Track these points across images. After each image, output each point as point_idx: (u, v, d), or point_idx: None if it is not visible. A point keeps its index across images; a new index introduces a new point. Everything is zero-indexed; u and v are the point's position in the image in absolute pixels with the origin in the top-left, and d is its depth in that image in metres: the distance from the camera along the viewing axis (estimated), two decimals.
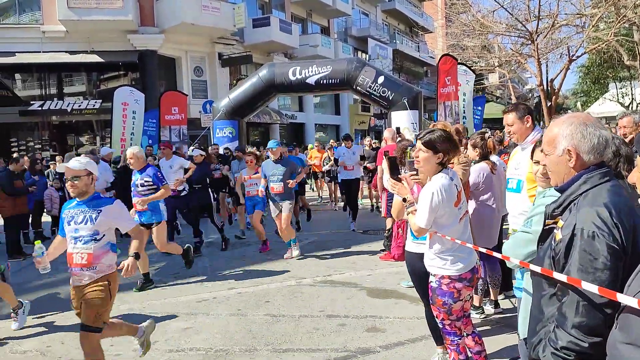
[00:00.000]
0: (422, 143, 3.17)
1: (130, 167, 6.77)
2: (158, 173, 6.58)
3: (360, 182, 11.26)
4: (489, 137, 4.84)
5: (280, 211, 7.53)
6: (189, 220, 8.54)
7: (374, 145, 13.11)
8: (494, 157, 5.14)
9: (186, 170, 8.38)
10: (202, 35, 21.50)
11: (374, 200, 11.92)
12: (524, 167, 3.52)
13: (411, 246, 3.65)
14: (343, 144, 11.01)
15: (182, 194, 8.49)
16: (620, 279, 1.63)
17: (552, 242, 1.84)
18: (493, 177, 4.75)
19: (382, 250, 7.62)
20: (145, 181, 6.49)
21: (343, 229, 9.82)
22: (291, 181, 7.49)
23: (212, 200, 9.01)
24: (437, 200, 3.05)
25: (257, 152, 10.33)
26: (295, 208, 9.21)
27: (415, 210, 3.18)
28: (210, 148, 12.05)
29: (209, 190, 8.82)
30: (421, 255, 3.39)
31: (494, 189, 4.77)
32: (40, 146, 19.87)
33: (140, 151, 6.73)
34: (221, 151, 12.10)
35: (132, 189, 6.63)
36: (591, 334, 1.64)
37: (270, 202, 7.72)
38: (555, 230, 1.84)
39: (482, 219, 4.73)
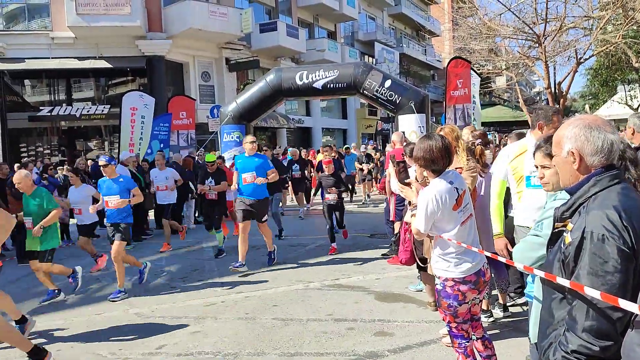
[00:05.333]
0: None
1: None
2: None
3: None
4: (477, 144, 4.81)
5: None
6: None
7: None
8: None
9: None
10: (210, 40, 21.63)
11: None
12: None
13: None
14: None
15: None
16: (632, 282, 1.62)
17: (562, 246, 1.82)
18: (480, 179, 4.70)
19: (389, 254, 7.60)
20: None
21: (350, 233, 9.80)
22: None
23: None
24: (432, 207, 3.07)
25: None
26: None
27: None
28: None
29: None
30: None
31: (484, 191, 4.73)
32: (49, 151, 20.04)
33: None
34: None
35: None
36: (602, 337, 1.62)
37: None
38: (564, 234, 1.83)
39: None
